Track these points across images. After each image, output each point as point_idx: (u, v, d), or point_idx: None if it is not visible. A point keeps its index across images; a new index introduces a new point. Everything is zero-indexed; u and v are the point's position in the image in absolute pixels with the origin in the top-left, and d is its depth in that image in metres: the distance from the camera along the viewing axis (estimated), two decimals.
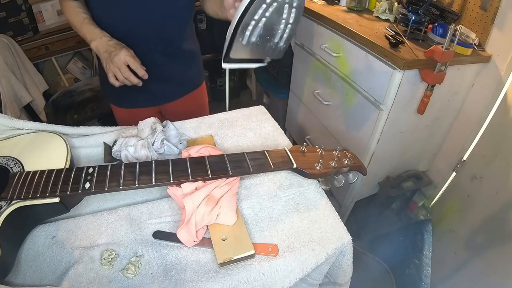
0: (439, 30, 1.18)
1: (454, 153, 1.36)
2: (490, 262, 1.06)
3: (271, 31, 0.67)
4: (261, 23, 0.64)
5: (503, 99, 1.12)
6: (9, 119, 0.71)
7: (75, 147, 0.71)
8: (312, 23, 1.48)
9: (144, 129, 0.72)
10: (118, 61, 0.76)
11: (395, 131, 1.27)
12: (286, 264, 0.53)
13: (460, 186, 1.32)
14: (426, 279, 1.38)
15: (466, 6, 1.21)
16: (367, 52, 1.18)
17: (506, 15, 1.08)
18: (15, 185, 0.53)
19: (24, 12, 1.90)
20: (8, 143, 0.64)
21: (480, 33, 1.18)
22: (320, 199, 0.64)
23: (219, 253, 0.52)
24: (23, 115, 1.80)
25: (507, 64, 1.11)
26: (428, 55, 1.03)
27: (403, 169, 1.50)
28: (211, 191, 0.57)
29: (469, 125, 1.28)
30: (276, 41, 0.69)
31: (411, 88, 1.13)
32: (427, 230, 1.49)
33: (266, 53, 0.71)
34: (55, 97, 1.89)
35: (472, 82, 1.26)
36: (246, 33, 0.65)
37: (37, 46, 1.98)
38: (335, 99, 1.44)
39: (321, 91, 1.53)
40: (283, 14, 0.64)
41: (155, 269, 0.51)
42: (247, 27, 0.64)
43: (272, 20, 0.64)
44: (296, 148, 0.67)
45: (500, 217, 1.05)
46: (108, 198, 0.62)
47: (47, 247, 0.53)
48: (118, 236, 0.55)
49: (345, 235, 0.58)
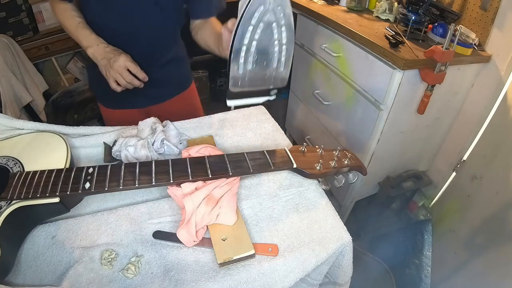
0: (439, 30, 1.18)
1: (454, 153, 1.36)
2: (490, 262, 1.06)
3: (266, 55, 0.64)
4: (253, 47, 0.62)
5: (503, 99, 1.12)
6: (9, 119, 0.71)
7: (75, 147, 0.71)
8: (312, 23, 1.48)
9: (144, 129, 0.72)
10: (119, 67, 0.78)
11: (395, 131, 1.27)
12: (286, 264, 0.53)
13: (460, 186, 1.32)
14: (426, 279, 1.38)
15: (466, 6, 1.22)
16: (367, 52, 1.18)
17: (506, 15, 1.09)
18: (15, 185, 0.53)
19: (24, 12, 1.90)
20: (8, 143, 0.64)
21: (480, 33, 1.18)
22: (320, 199, 0.64)
23: (219, 253, 0.52)
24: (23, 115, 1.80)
25: (507, 64, 1.11)
26: (428, 55, 1.03)
27: (403, 169, 1.50)
28: (211, 191, 0.57)
29: (469, 125, 1.28)
30: (274, 66, 0.67)
31: (411, 88, 1.13)
32: (427, 230, 1.49)
33: (268, 82, 0.69)
34: (55, 97, 1.89)
35: (472, 82, 1.26)
36: (240, 61, 0.62)
37: (37, 46, 1.98)
38: (335, 99, 1.44)
39: (321, 91, 1.53)
40: (274, 34, 0.62)
41: (155, 269, 0.51)
42: (239, 54, 0.62)
43: (264, 42, 0.62)
44: (296, 148, 0.67)
45: (500, 217, 1.05)
46: (108, 198, 0.62)
47: (47, 247, 0.53)
48: (118, 236, 0.55)
49: (345, 235, 0.58)
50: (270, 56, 0.65)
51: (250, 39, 0.61)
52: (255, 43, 0.61)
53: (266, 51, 0.64)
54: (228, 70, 0.64)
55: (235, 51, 0.61)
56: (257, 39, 0.61)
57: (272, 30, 0.61)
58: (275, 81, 0.70)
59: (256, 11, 0.58)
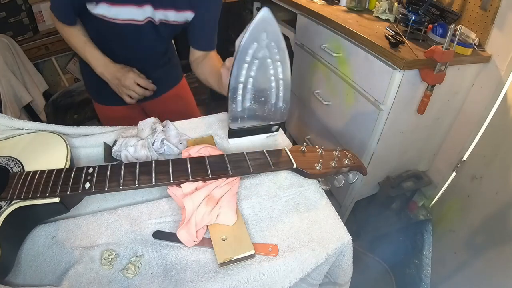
0: (439, 30, 1.18)
1: (454, 153, 1.36)
2: (490, 262, 1.06)
3: (264, 91, 0.65)
4: (250, 84, 0.62)
5: (503, 99, 1.12)
6: (9, 119, 0.71)
7: (75, 147, 0.71)
8: (312, 23, 1.48)
9: (144, 129, 0.72)
10: (130, 84, 0.86)
11: (395, 131, 1.27)
12: (286, 264, 0.53)
13: (460, 186, 1.32)
14: (426, 279, 1.38)
15: (466, 6, 1.22)
16: (367, 52, 1.18)
17: (506, 15, 1.09)
18: (15, 185, 0.53)
19: (24, 12, 1.90)
20: (8, 143, 0.64)
21: (480, 33, 1.18)
22: (320, 199, 0.64)
23: (219, 253, 0.52)
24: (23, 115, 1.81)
25: (507, 64, 1.11)
26: (428, 55, 1.03)
27: (403, 169, 1.50)
28: (211, 191, 0.57)
29: (469, 125, 1.28)
30: (273, 101, 0.67)
31: (411, 88, 1.13)
32: (427, 230, 1.49)
33: (268, 118, 0.69)
34: (55, 97, 1.89)
35: (472, 82, 1.26)
36: (237, 99, 0.63)
37: (37, 46, 1.98)
38: (335, 99, 1.44)
39: (321, 91, 1.53)
40: (270, 70, 0.62)
41: (155, 269, 0.51)
42: (236, 92, 0.62)
43: (260, 79, 0.62)
44: (296, 148, 0.67)
45: (500, 217, 1.05)
46: (108, 198, 0.62)
47: (47, 247, 0.53)
48: (118, 236, 0.55)
49: (345, 235, 0.58)
50: (268, 92, 0.65)
51: (246, 76, 0.61)
52: (251, 80, 0.62)
53: (263, 87, 0.64)
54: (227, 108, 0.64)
55: (232, 89, 0.62)
56: (253, 76, 0.61)
57: (267, 66, 0.61)
58: (274, 116, 0.70)
59: (250, 48, 0.59)
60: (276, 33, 0.59)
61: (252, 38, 0.57)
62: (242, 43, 0.58)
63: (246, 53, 0.59)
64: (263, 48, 0.59)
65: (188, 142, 0.75)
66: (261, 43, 0.59)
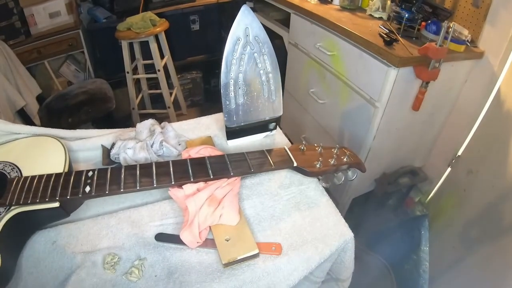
0: (433, 27, 1.19)
1: (449, 148, 1.38)
2: (487, 255, 1.08)
3: (255, 85, 0.66)
4: (240, 79, 0.64)
5: (496, 94, 1.13)
6: (5, 123, 0.70)
7: (73, 151, 0.70)
8: (306, 22, 1.49)
9: (142, 131, 0.72)
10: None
11: (391, 128, 1.28)
12: (290, 262, 0.53)
13: (455, 181, 1.33)
14: (425, 274, 1.39)
15: (458, 3, 1.23)
16: (361, 50, 1.19)
17: (497, 12, 1.10)
18: (13, 191, 0.52)
19: (16, 15, 1.88)
20: (5, 148, 0.63)
21: (473, 30, 1.20)
22: (321, 197, 0.64)
23: (223, 253, 0.52)
24: (17, 120, 1.78)
25: (500, 60, 1.13)
26: (422, 52, 1.04)
27: (399, 165, 1.52)
28: (213, 192, 0.57)
29: (463, 120, 1.30)
30: (266, 95, 0.68)
31: (405, 85, 1.14)
32: (424, 225, 1.50)
33: (263, 114, 0.70)
34: (49, 101, 1.86)
35: (465, 78, 1.28)
36: (230, 95, 0.64)
37: (29, 49, 1.95)
38: (330, 97, 1.45)
39: (316, 90, 1.54)
40: (258, 64, 0.64)
41: (158, 271, 0.51)
42: (228, 88, 0.63)
43: (250, 73, 0.64)
44: (296, 146, 0.67)
45: (496, 211, 1.07)
46: (108, 201, 0.62)
47: (48, 253, 0.52)
48: (119, 240, 0.55)
49: (347, 232, 0.59)
50: (259, 86, 0.67)
51: (236, 72, 0.63)
52: (241, 76, 0.64)
53: (254, 82, 0.66)
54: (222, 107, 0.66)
55: (224, 86, 0.64)
56: (242, 71, 0.64)
57: (255, 60, 0.64)
58: (268, 111, 0.71)
59: (236, 44, 0.62)
60: (258, 27, 0.62)
61: (236, 35, 0.61)
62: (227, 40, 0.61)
63: (232, 49, 0.62)
64: (248, 43, 0.62)
65: (187, 143, 0.75)
66: (245, 38, 0.62)
